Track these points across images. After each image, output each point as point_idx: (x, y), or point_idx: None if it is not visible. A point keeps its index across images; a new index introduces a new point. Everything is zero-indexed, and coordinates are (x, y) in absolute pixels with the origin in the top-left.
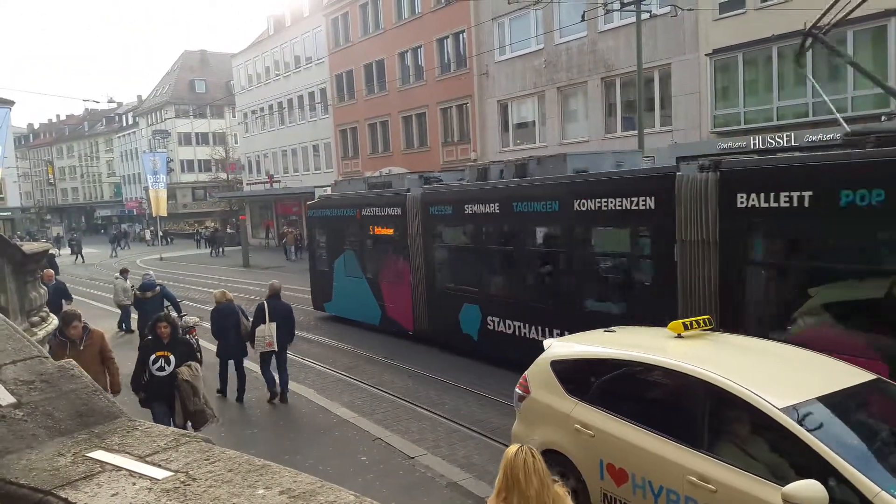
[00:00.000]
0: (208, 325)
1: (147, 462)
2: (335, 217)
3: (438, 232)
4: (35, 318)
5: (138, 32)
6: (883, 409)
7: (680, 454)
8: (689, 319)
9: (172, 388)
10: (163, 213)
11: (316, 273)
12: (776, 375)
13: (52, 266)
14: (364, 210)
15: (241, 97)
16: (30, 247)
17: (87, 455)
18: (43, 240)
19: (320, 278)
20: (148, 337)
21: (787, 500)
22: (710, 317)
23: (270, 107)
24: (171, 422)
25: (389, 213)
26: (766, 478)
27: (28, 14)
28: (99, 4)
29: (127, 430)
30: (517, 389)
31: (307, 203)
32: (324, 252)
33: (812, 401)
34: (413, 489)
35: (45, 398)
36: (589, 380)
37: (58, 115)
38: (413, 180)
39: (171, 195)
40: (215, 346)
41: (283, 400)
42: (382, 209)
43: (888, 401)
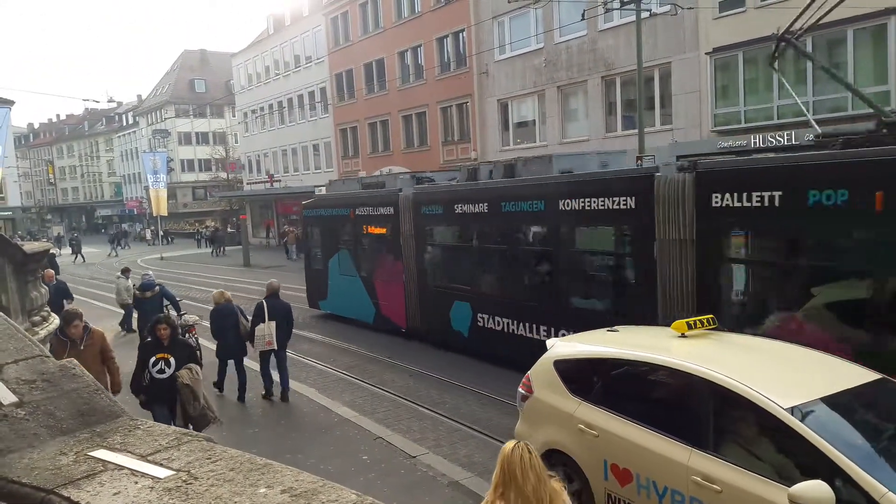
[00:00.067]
0: (208, 324)
1: (149, 461)
2: (330, 217)
3: (430, 231)
4: (36, 318)
5: (138, 32)
6: (889, 408)
7: (684, 454)
8: (692, 319)
9: (173, 391)
10: (163, 213)
11: (311, 271)
12: (781, 375)
13: (52, 266)
14: (358, 210)
15: (241, 97)
16: (30, 246)
17: (89, 454)
18: (43, 239)
19: (315, 277)
20: (147, 338)
21: (793, 500)
22: (713, 316)
23: (270, 106)
24: (172, 425)
25: (382, 213)
26: (771, 478)
27: (28, 14)
28: (99, 4)
29: (129, 430)
30: (520, 389)
31: (303, 203)
32: (319, 251)
33: (817, 401)
34: (414, 488)
35: (47, 397)
36: (592, 380)
37: (58, 115)
38: (405, 180)
39: (172, 195)
40: (215, 347)
41: (285, 399)
42: (375, 209)
43: (894, 400)
